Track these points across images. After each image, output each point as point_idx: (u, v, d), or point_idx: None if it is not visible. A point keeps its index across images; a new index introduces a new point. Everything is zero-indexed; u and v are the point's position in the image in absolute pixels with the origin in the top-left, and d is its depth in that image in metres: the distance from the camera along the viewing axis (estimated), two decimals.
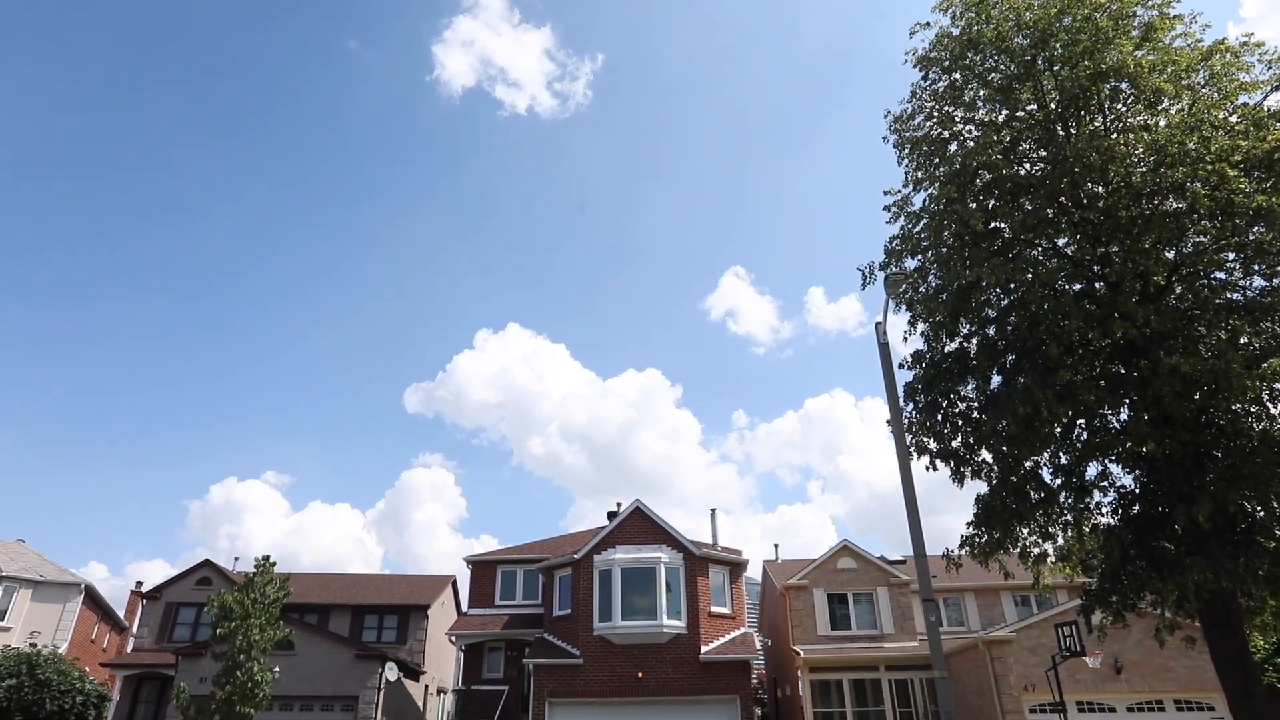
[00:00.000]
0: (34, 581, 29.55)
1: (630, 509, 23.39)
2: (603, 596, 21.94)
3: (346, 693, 24.45)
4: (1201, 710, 20.80)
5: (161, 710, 27.26)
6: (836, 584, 27.34)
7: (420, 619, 32.05)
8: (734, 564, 23.81)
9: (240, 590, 12.06)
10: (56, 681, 18.82)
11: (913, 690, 24.89)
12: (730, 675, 21.17)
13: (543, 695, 21.13)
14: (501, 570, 27.28)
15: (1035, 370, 11.47)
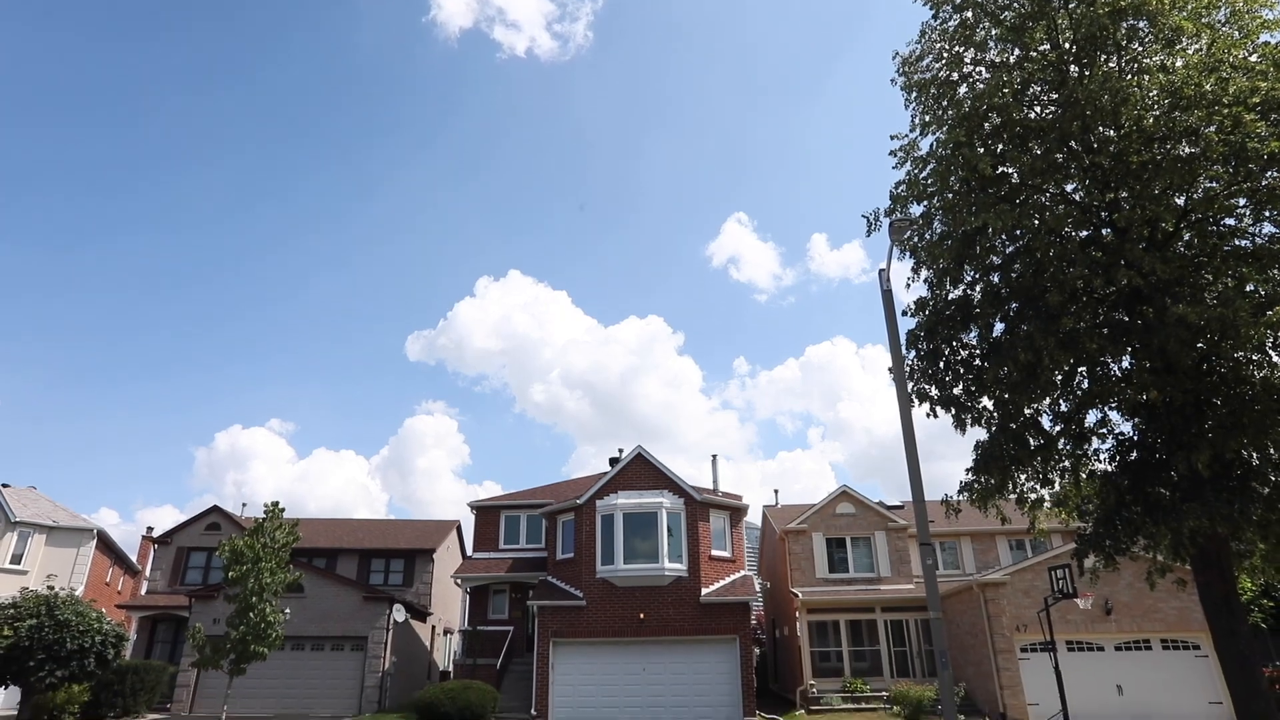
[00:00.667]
0: (48, 527, 30.10)
1: (632, 455, 23.64)
2: (605, 541, 22.36)
3: (356, 633, 25.12)
4: (1187, 649, 21.38)
5: (177, 649, 28.07)
6: (835, 529, 27.82)
7: (426, 563, 32.75)
8: (734, 509, 24.17)
9: (250, 535, 12.29)
10: (75, 622, 19.29)
11: (907, 630, 25.56)
12: (730, 616, 21.71)
13: (547, 635, 21.71)
14: (505, 515, 27.75)
15: (1038, 318, 11.44)
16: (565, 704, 21.10)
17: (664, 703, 20.96)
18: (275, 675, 24.85)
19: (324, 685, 24.72)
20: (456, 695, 19.90)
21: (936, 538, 29.17)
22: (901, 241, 13.38)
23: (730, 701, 20.91)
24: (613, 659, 21.53)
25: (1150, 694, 20.67)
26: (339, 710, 23.95)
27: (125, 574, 37.23)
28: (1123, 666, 21.20)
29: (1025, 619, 21.36)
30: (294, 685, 24.70)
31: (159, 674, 23.60)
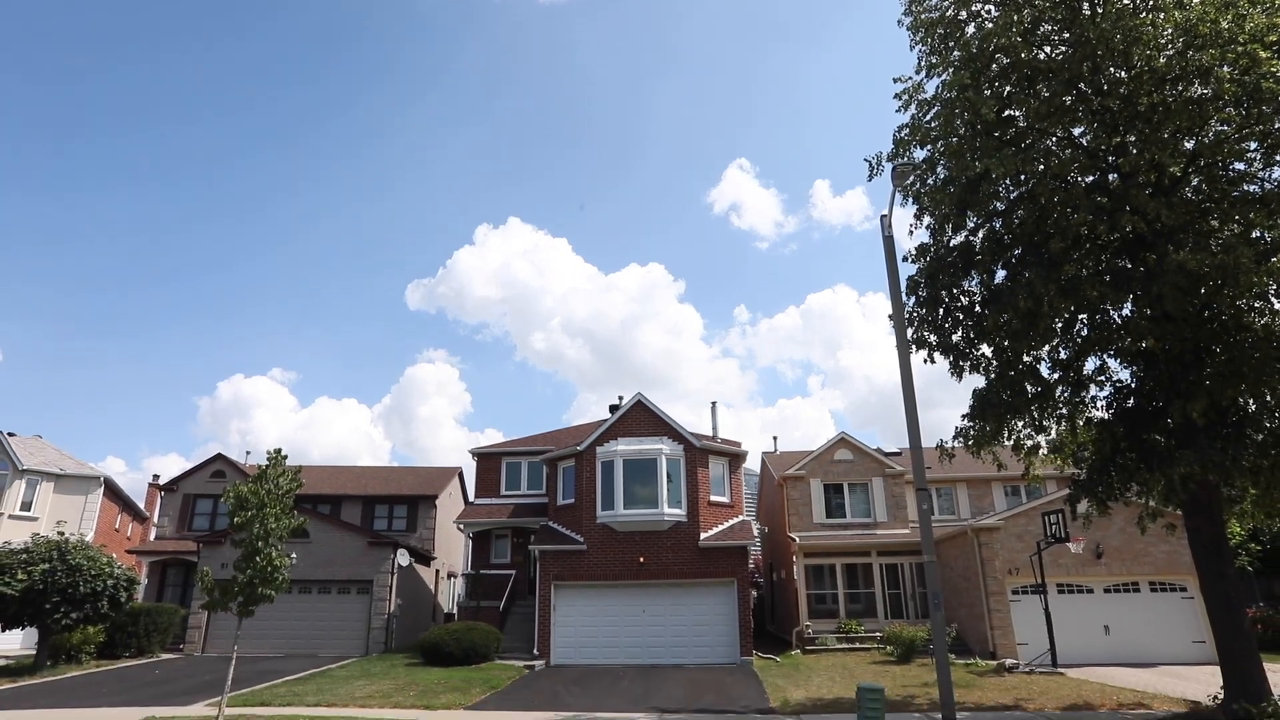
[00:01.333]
0: (55, 475, 30.48)
1: (632, 402, 23.77)
2: (605, 486, 22.64)
3: (361, 577, 25.66)
4: (1174, 591, 21.84)
5: (187, 592, 28.72)
6: (833, 475, 28.15)
7: (429, 509, 33.24)
8: (733, 455, 24.41)
9: (254, 481, 12.40)
10: (87, 566, 19.69)
11: (902, 574, 26.08)
12: (728, 560, 22.13)
13: (548, 578, 22.17)
14: (506, 462, 28.05)
15: (1039, 265, 11.36)
16: (567, 644, 21.66)
17: (663, 643, 21.51)
18: (284, 617, 25.51)
19: (331, 627, 25.36)
20: (461, 636, 20.42)
21: (933, 484, 29.54)
22: (904, 187, 13.22)
23: (728, 642, 21.46)
24: (613, 601, 22.03)
25: (1136, 634, 21.20)
26: (347, 651, 24.61)
27: (134, 520, 37.84)
28: (1111, 608, 21.70)
29: (1017, 563, 21.78)
30: (302, 627, 25.36)
31: (171, 616, 24.21)
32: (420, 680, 17.39)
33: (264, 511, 12.06)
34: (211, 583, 12.37)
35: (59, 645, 20.80)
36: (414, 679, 17.65)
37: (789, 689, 16.21)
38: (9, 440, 29.76)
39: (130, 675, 19.29)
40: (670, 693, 16.07)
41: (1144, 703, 13.87)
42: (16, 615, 19.04)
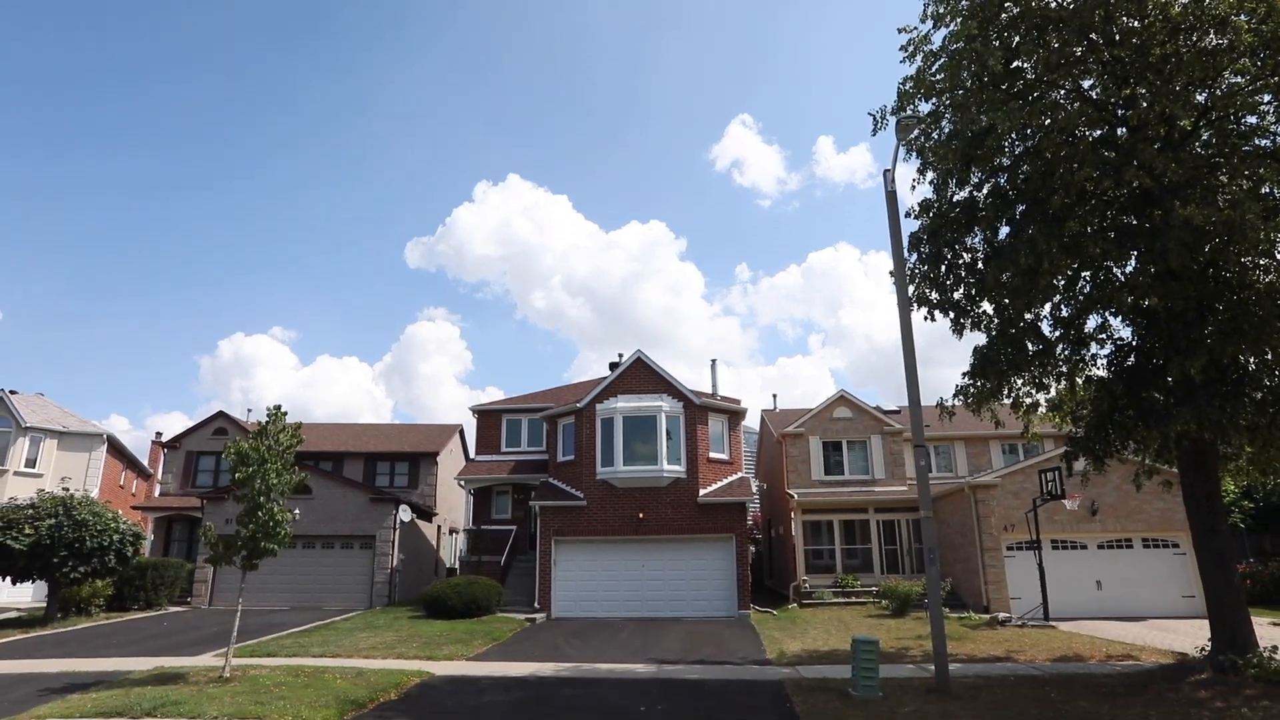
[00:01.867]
0: (58, 432, 30.65)
1: (632, 359, 23.76)
2: (605, 443, 22.78)
3: (364, 532, 25.98)
4: (1166, 547, 22.12)
5: (193, 547, 29.12)
6: (832, 432, 28.30)
7: (430, 465, 33.51)
8: (732, 412, 24.50)
9: (255, 438, 12.45)
10: (93, 521, 19.93)
11: (899, 530, 26.39)
12: (727, 516, 22.37)
13: (549, 534, 22.44)
14: (507, 419, 28.18)
15: (1043, 221, 11.22)
16: (567, 598, 22.03)
17: (662, 597, 21.87)
18: (290, 572, 25.91)
19: (336, 581, 25.77)
20: (463, 590, 20.76)
21: (931, 441, 29.74)
22: (908, 141, 12.98)
23: (726, 596, 21.83)
24: (613, 556, 22.34)
25: (1127, 589, 21.53)
26: (351, 604, 25.03)
27: (138, 478, 38.18)
28: (1103, 563, 21.99)
29: (1013, 519, 22.01)
30: (308, 581, 25.78)
31: (177, 570, 24.59)
32: (423, 632, 17.72)
33: (265, 467, 12.13)
34: (215, 537, 12.51)
35: (69, 598, 21.18)
36: (417, 631, 17.98)
37: (785, 641, 16.51)
38: (11, 398, 29.86)
39: (139, 627, 19.66)
40: (669, 645, 16.38)
41: (1132, 654, 14.14)
42: (25, 569, 19.33)
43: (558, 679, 12.37)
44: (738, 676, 12.62)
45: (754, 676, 12.61)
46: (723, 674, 12.83)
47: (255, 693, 10.61)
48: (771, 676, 12.54)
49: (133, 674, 12.36)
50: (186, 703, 9.91)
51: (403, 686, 11.53)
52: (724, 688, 11.68)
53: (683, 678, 12.46)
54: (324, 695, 10.47)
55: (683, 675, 12.69)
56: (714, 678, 12.48)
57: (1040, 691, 10.78)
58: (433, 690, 11.49)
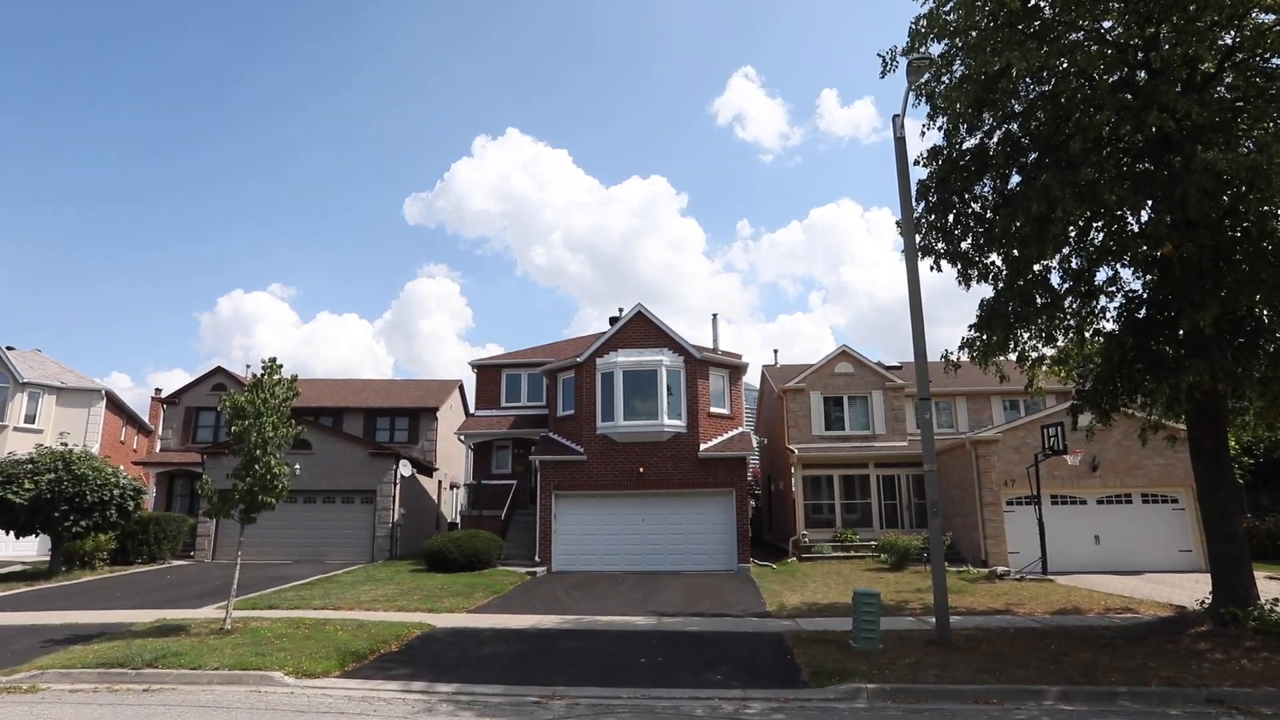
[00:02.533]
0: (56, 388, 30.55)
1: (632, 313, 23.49)
2: (605, 398, 22.65)
3: (364, 487, 26.05)
4: (1165, 502, 22.15)
5: (194, 502, 29.20)
6: (833, 387, 28.17)
7: (430, 420, 33.49)
8: (733, 367, 24.32)
9: (250, 391, 12.28)
10: (92, 476, 19.91)
11: (899, 485, 26.45)
12: (727, 470, 22.35)
13: (549, 488, 22.45)
14: (506, 374, 28.03)
15: (1057, 168, 10.85)
16: (567, 552, 22.15)
17: (662, 551, 21.98)
18: (292, 526, 26.06)
19: (337, 536, 25.92)
20: (463, 543, 20.84)
21: (933, 397, 29.54)
22: (918, 85, 12.51)
23: (726, 550, 21.93)
24: (613, 511, 22.39)
25: (1126, 543, 21.62)
26: (353, 558, 25.22)
27: (139, 433, 38.24)
28: (1102, 518, 22.05)
29: (1014, 475, 22.00)
30: (309, 535, 25.94)
31: (180, 524, 24.70)
32: (424, 585, 17.82)
33: (261, 421, 11.99)
34: (212, 490, 12.43)
35: (73, 552, 21.27)
36: (418, 584, 18.08)
37: (785, 594, 16.59)
38: (8, 355, 29.68)
39: (142, 580, 19.79)
40: (668, 598, 16.46)
41: (1131, 607, 14.19)
42: (27, 523, 19.38)
43: (558, 631, 12.41)
44: (738, 629, 12.66)
45: (754, 629, 12.64)
46: (723, 626, 12.87)
47: (256, 644, 10.62)
48: (771, 629, 12.58)
49: (135, 626, 12.41)
50: (187, 654, 9.92)
51: (404, 638, 11.56)
52: (724, 639, 11.71)
53: (683, 630, 12.50)
54: (324, 646, 10.48)
55: (683, 627, 12.73)
56: (714, 630, 12.52)
57: (1040, 643, 10.79)
58: (434, 642, 11.52)
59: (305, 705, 8.26)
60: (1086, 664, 9.44)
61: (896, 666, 9.49)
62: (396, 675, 9.47)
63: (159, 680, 9.21)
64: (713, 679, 9.30)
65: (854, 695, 8.56)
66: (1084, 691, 8.42)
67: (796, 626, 12.68)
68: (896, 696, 8.49)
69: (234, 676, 9.19)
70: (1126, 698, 8.31)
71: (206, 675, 9.22)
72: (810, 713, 8.03)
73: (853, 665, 9.53)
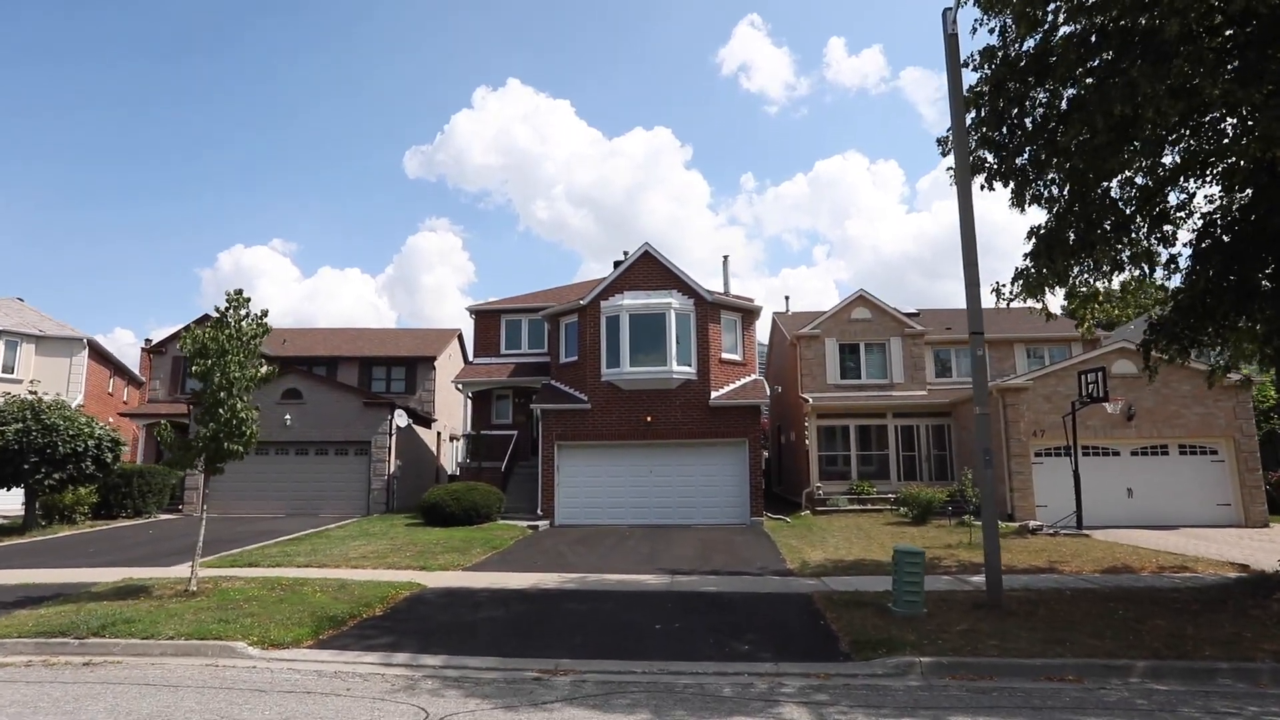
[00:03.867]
0: (35, 336, 29.21)
1: (639, 253, 21.97)
2: (610, 343, 21.28)
3: (358, 438, 24.89)
4: (1204, 454, 20.90)
5: None
6: (849, 334, 26.78)
7: (427, 370, 32.23)
8: (746, 311, 22.89)
9: (213, 326, 10.92)
10: (64, 426, 18.71)
11: (917, 436, 25.24)
12: (740, 419, 21.09)
13: (551, 438, 21.24)
14: (506, 319, 26.60)
15: (1144, 59, 9.22)
16: (571, 504, 21.05)
17: (671, 504, 20.87)
18: (285, 479, 25.01)
19: (332, 489, 24.86)
20: (461, 496, 19.71)
21: (951, 345, 28.28)
22: None
23: (738, 503, 20.80)
24: (619, 462, 21.22)
25: (1160, 496, 20.46)
26: (348, 512, 24.20)
27: (129, 385, 37.00)
28: (1136, 470, 20.84)
29: (1043, 424, 20.73)
30: (303, 488, 24.88)
31: (165, 477, 23.56)
32: (419, 540, 16.72)
33: (225, 359, 10.65)
34: (171, 438, 11.15)
35: (51, 506, 20.22)
36: (413, 539, 16.98)
37: (805, 550, 15.46)
38: None
39: (122, 535, 18.73)
40: (679, 553, 15.33)
41: (1187, 566, 12.99)
42: None
43: (561, 591, 11.24)
44: (759, 589, 11.48)
45: (777, 589, 11.47)
46: (742, 586, 11.70)
47: (222, 608, 9.46)
48: (796, 589, 11.40)
49: (96, 586, 11.28)
50: (140, 621, 8.74)
51: (390, 600, 10.40)
52: (746, 602, 10.54)
53: (698, 590, 11.34)
54: (298, 611, 9.32)
55: (698, 587, 11.57)
56: (733, 590, 11.35)
57: (1103, 607, 9.58)
58: (423, 604, 10.36)
59: (266, 683, 7.08)
60: (1168, 633, 8.22)
61: (948, 635, 8.29)
62: (377, 645, 8.30)
63: (104, 652, 8.05)
64: (739, 649, 8.12)
65: (905, 670, 7.36)
66: (1176, 668, 7.20)
67: (824, 586, 11.51)
68: (956, 672, 7.29)
69: (190, 647, 8.02)
70: (1228, 675, 7.09)
71: (159, 646, 8.06)
72: (857, 692, 6.82)
73: (898, 633, 8.33)
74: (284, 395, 25.28)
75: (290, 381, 25.54)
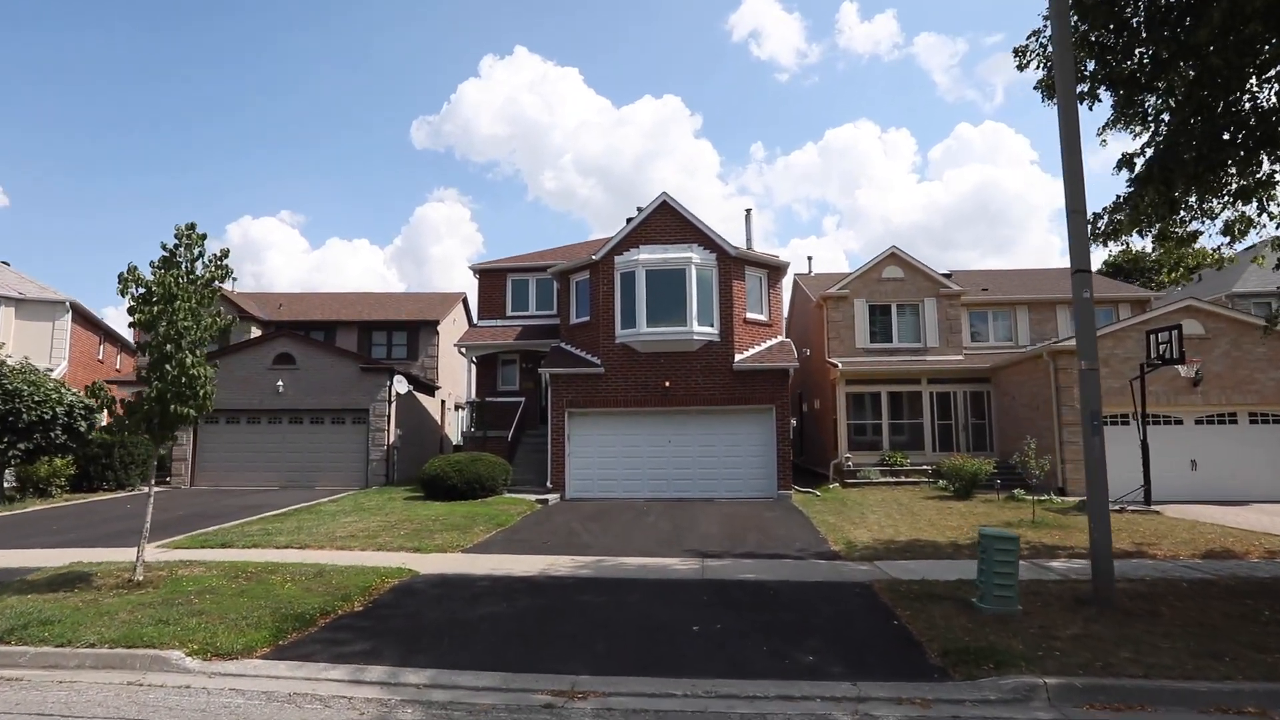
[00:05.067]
0: (14, 299, 27.59)
1: (656, 203, 20.04)
2: (625, 301, 19.47)
3: (356, 406, 23.29)
4: (1277, 423, 19.06)
5: None
6: (880, 294, 24.88)
7: (430, 335, 30.56)
8: (772, 267, 20.99)
9: (160, 268, 9.18)
10: (29, 392, 17.19)
11: (954, 403, 23.44)
12: (766, 384, 19.32)
13: (561, 405, 19.56)
14: (512, 279, 24.77)
15: None
16: (583, 477, 19.44)
17: (691, 476, 19.21)
18: (279, 449, 23.51)
19: (328, 459, 23.35)
20: (464, 468, 18.10)
21: (988, 307, 26.35)
22: None
23: (764, 475, 19.12)
24: (635, 430, 19.53)
25: (1227, 469, 18.68)
26: (346, 484, 22.71)
27: (122, 352, 35.49)
28: (1201, 441, 19.04)
29: (1101, 389, 18.88)
30: (298, 459, 23.38)
31: (149, 447, 21.95)
32: (416, 516, 15.13)
33: (174, 306, 8.93)
34: (106, 396, 9.46)
35: (26, 478, 18.76)
36: (410, 515, 15.39)
37: (846, 528, 13.78)
38: None
39: (95, 510, 17.22)
40: (705, 531, 13.69)
41: None
42: None
43: (576, 580, 9.57)
44: (807, 576, 9.78)
45: (827, 576, 9.77)
46: (786, 572, 10.01)
47: (166, 604, 7.84)
48: (850, 577, 9.71)
49: (35, 573, 9.69)
50: (61, 622, 7.13)
51: (373, 591, 8.77)
52: (795, 593, 8.85)
53: (736, 578, 9.65)
54: (259, 607, 7.69)
55: (735, 574, 9.89)
56: (777, 578, 9.65)
57: (1240, 605, 7.86)
58: (411, 597, 8.71)
59: (199, 709, 5.45)
60: None
61: (1061, 643, 6.60)
62: (349, 653, 6.66)
63: (8, 664, 6.44)
64: (801, 660, 6.44)
65: (1027, 695, 5.66)
66: None
67: (881, 574, 9.83)
68: (1095, 699, 5.59)
69: (113, 658, 6.40)
70: None
71: (75, 656, 6.45)
72: None
73: (998, 640, 6.64)
74: (276, 360, 23.66)
75: (282, 345, 23.89)
